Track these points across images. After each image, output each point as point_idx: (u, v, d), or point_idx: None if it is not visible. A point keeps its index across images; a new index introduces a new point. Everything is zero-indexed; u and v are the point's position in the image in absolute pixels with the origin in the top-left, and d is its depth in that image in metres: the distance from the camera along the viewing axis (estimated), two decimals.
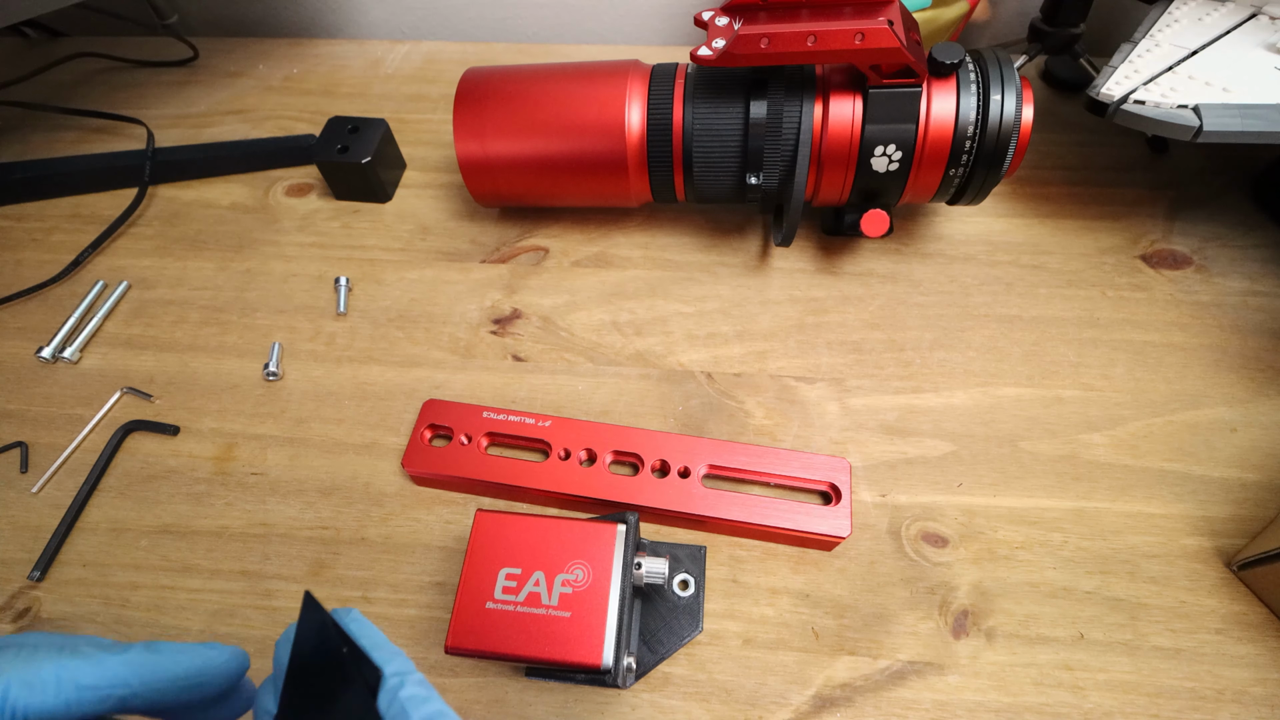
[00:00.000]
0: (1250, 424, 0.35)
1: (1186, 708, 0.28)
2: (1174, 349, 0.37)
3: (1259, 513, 0.32)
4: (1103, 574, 0.31)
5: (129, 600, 0.32)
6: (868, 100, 0.34)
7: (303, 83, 0.55)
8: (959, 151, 0.34)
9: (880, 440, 0.35)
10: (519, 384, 0.38)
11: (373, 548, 0.33)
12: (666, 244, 0.43)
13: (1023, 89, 0.34)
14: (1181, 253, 0.41)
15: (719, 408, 0.36)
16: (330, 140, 0.44)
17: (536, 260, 0.43)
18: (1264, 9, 0.38)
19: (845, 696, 0.29)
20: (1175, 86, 0.34)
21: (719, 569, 0.32)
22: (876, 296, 0.40)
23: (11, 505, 0.35)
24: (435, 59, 0.56)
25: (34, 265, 0.44)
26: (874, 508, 0.33)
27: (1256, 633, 0.29)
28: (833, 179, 0.36)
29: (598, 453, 0.33)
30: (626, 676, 0.26)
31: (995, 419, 0.35)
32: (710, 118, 0.36)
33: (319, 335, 0.40)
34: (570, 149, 0.38)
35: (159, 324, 0.41)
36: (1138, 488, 0.33)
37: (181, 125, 0.52)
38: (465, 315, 0.41)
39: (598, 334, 0.39)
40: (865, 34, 0.31)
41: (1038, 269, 0.41)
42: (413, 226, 0.45)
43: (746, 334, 0.39)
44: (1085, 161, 0.46)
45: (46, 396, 0.38)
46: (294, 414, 0.37)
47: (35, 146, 0.51)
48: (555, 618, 0.25)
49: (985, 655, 0.29)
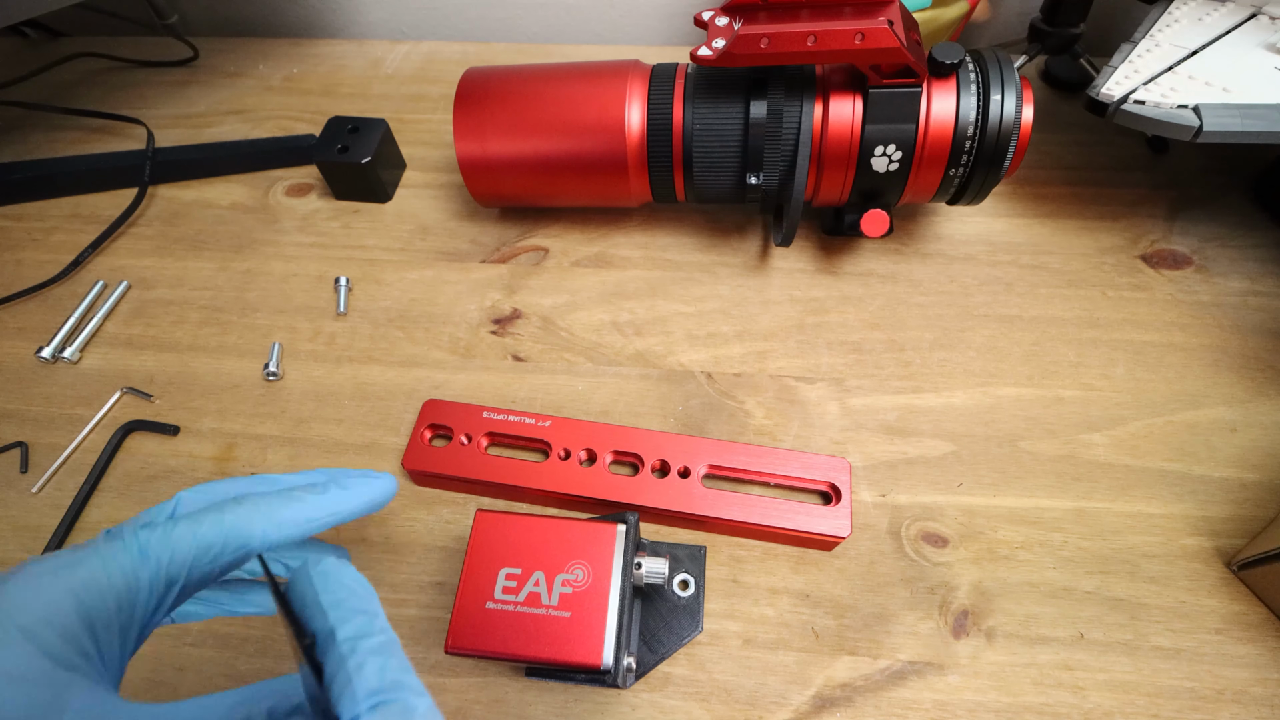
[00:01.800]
0: (1250, 424, 0.35)
1: (1186, 708, 0.28)
2: (1174, 349, 0.37)
3: (1259, 513, 0.32)
4: (1103, 574, 0.31)
5: None
6: (868, 100, 0.34)
7: (303, 83, 0.55)
8: (959, 151, 0.34)
9: (880, 440, 0.35)
10: (519, 384, 0.38)
11: (373, 547, 0.33)
12: (666, 244, 0.43)
13: (1023, 89, 0.34)
14: (1181, 253, 0.41)
15: (719, 408, 0.36)
16: (330, 140, 0.44)
17: (536, 260, 0.43)
18: (1264, 9, 0.38)
19: (845, 696, 0.29)
20: (1175, 86, 0.34)
21: (719, 569, 0.32)
22: (876, 296, 0.40)
23: (11, 505, 0.35)
24: (435, 59, 0.56)
25: (34, 265, 0.44)
26: (874, 508, 0.33)
27: (1256, 633, 0.29)
28: (833, 179, 0.36)
29: (598, 453, 0.33)
30: (626, 676, 0.26)
31: (995, 419, 0.35)
32: (710, 118, 0.36)
33: (319, 335, 0.40)
34: (570, 149, 0.38)
35: (159, 324, 0.41)
36: (1138, 488, 0.33)
37: (181, 125, 0.52)
38: (465, 315, 0.41)
39: (598, 334, 0.39)
40: (865, 34, 0.31)
41: (1038, 269, 0.41)
42: (413, 226, 0.45)
43: (746, 334, 0.39)
44: (1085, 161, 0.46)
45: (46, 396, 0.38)
46: (294, 414, 0.37)
47: (35, 146, 0.51)
48: (555, 618, 0.25)
49: (985, 655, 0.29)
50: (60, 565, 0.18)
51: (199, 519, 0.20)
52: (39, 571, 0.18)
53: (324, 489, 0.23)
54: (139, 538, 0.19)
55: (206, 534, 0.20)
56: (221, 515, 0.20)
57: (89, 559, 0.18)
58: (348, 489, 0.23)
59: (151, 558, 0.19)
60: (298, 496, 0.22)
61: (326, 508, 0.22)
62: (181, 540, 0.20)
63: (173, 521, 0.20)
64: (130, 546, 0.19)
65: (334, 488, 0.23)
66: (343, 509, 0.23)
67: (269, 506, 0.21)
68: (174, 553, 0.19)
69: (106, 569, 0.18)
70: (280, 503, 0.21)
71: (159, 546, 0.19)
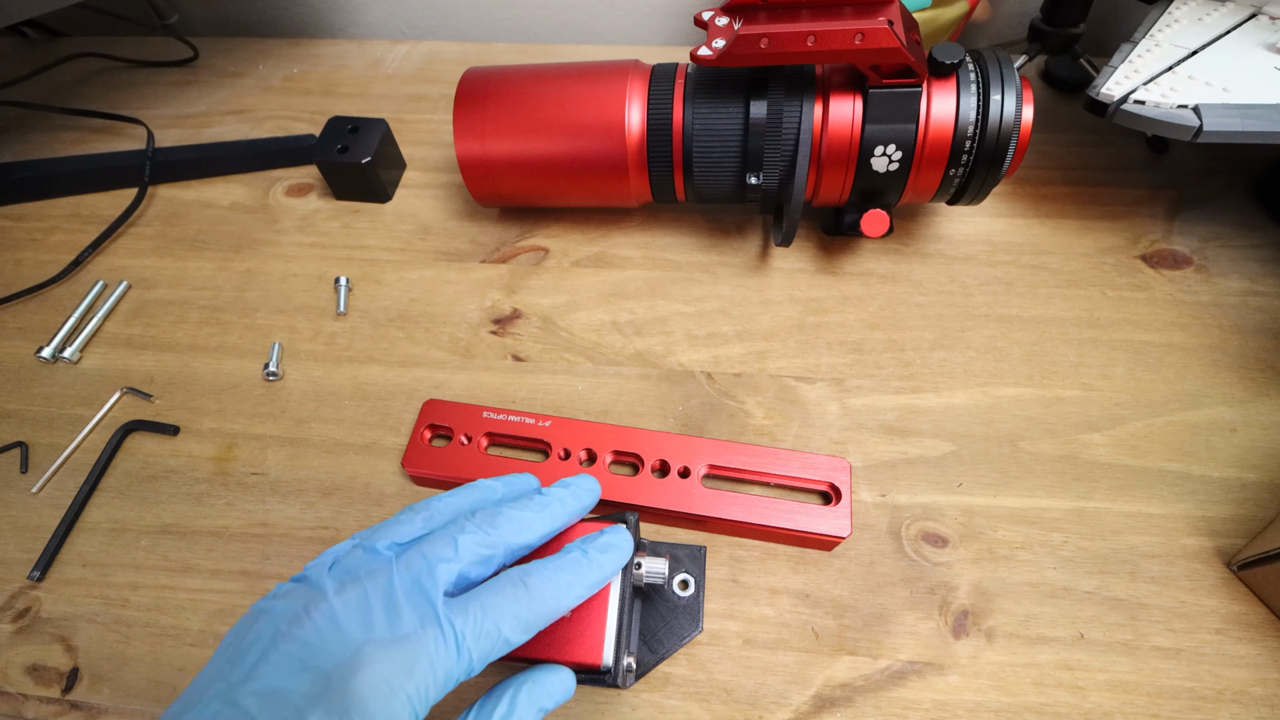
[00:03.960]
0: (1250, 424, 0.35)
1: (1186, 708, 0.28)
2: (1174, 349, 0.37)
3: (1259, 513, 0.32)
4: (1103, 574, 0.31)
5: (129, 600, 0.32)
6: (868, 100, 0.34)
7: (303, 83, 0.55)
8: (959, 151, 0.34)
9: (880, 440, 0.35)
10: (519, 384, 0.38)
11: None
12: (666, 244, 0.43)
13: (1023, 89, 0.34)
14: (1181, 253, 0.41)
15: (719, 408, 0.36)
16: (330, 140, 0.44)
17: (536, 260, 0.43)
18: (1264, 9, 0.38)
19: (845, 696, 0.29)
20: (1175, 86, 0.34)
21: (719, 569, 0.32)
22: (876, 296, 0.40)
23: (11, 505, 0.35)
24: (435, 59, 0.56)
25: (34, 265, 0.44)
26: (874, 508, 0.33)
27: (1256, 633, 0.29)
28: (833, 179, 0.36)
29: (598, 453, 0.33)
30: (626, 676, 0.26)
31: (995, 419, 0.35)
32: (710, 118, 0.36)
33: (319, 335, 0.40)
34: (570, 149, 0.38)
35: (159, 324, 0.41)
36: (1138, 488, 0.33)
37: (181, 125, 0.52)
38: (465, 315, 0.41)
39: (598, 334, 0.39)
40: (865, 34, 0.31)
41: (1038, 269, 0.41)
42: (413, 226, 0.45)
43: (746, 334, 0.39)
44: (1085, 161, 0.46)
45: (46, 396, 0.38)
46: (294, 414, 0.37)
47: (35, 146, 0.51)
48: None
49: (985, 655, 0.29)
50: (399, 670, 0.19)
51: (501, 609, 0.21)
52: (383, 679, 0.18)
53: (588, 562, 0.23)
54: (455, 629, 0.20)
55: (508, 630, 0.21)
56: (518, 608, 0.21)
57: (419, 660, 0.19)
58: (598, 559, 0.24)
59: (466, 655, 0.20)
60: (571, 582, 0.23)
61: (592, 587, 0.23)
62: (490, 636, 0.20)
63: (480, 607, 0.21)
64: (450, 645, 0.20)
65: (591, 559, 0.24)
66: (600, 576, 0.24)
67: (554, 594, 0.22)
68: (482, 647, 0.20)
69: (434, 670, 0.19)
70: (563, 590, 0.22)
71: (473, 640, 0.20)
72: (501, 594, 0.21)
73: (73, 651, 0.31)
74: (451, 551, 0.22)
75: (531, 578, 0.22)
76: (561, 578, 0.23)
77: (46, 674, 0.30)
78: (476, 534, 0.22)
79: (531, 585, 0.22)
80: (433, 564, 0.21)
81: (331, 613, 0.20)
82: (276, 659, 0.19)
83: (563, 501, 0.25)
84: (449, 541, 0.22)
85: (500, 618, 0.21)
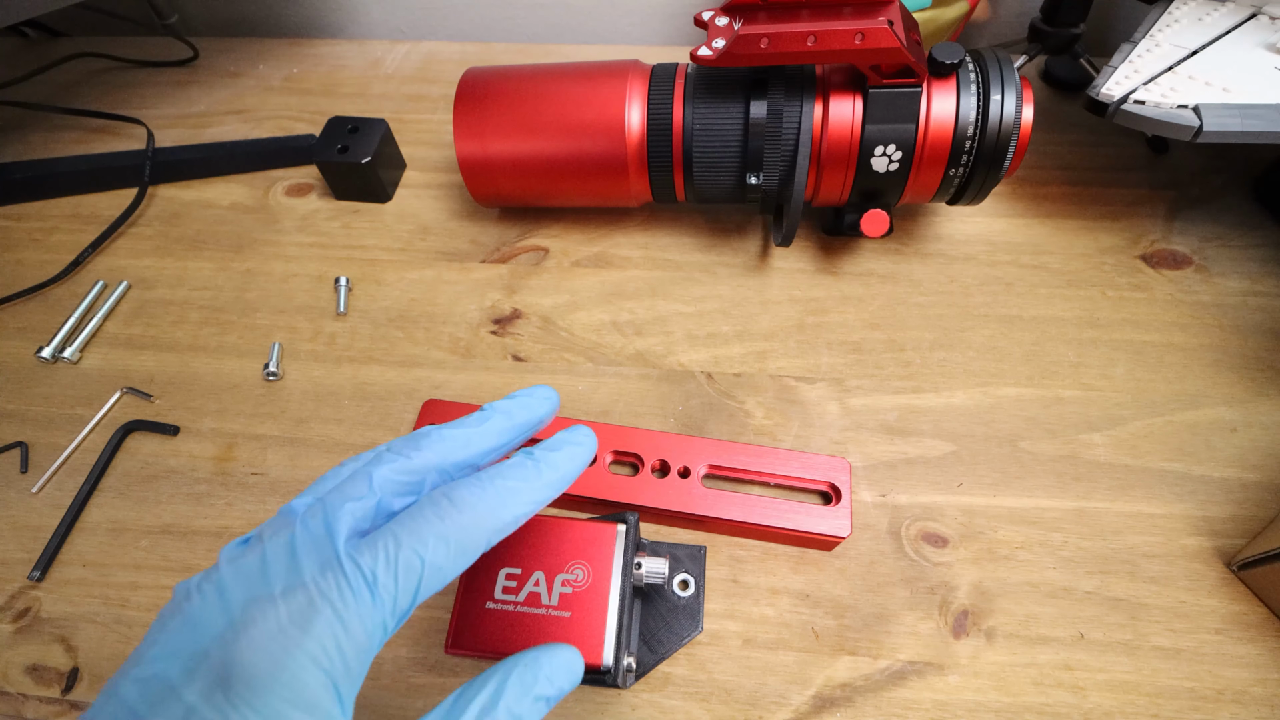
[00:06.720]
0: (1250, 424, 0.35)
1: (1186, 708, 0.28)
2: (1174, 349, 0.37)
3: (1259, 513, 0.32)
4: (1103, 574, 0.31)
5: (129, 600, 0.32)
6: (868, 100, 0.34)
7: (303, 83, 0.55)
8: (959, 151, 0.34)
9: (880, 440, 0.35)
10: (519, 384, 0.38)
11: None
12: (666, 244, 0.43)
13: (1023, 89, 0.34)
14: (1181, 253, 0.41)
15: (719, 408, 0.36)
16: (330, 140, 0.44)
17: (536, 260, 0.43)
18: (1264, 9, 0.38)
19: (845, 696, 0.29)
20: (1175, 86, 0.34)
21: (719, 569, 0.32)
22: (876, 296, 0.40)
23: (11, 505, 0.35)
24: (435, 59, 0.56)
25: (34, 265, 0.44)
26: (874, 508, 0.33)
27: (1256, 633, 0.29)
28: (833, 179, 0.36)
29: (598, 453, 0.33)
30: (626, 676, 0.26)
31: (995, 419, 0.35)
32: (710, 118, 0.36)
33: (319, 335, 0.40)
34: (570, 149, 0.38)
35: (159, 324, 0.41)
36: (1138, 488, 0.33)
37: (181, 125, 0.52)
38: (465, 315, 0.41)
39: (598, 334, 0.39)
40: (865, 34, 0.31)
41: (1038, 269, 0.41)
42: (413, 226, 0.45)
43: (746, 334, 0.39)
44: (1085, 161, 0.46)
45: (46, 396, 0.38)
46: (294, 414, 0.37)
47: (35, 146, 0.51)
48: (555, 618, 0.25)
49: (985, 655, 0.29)
50: (289, 623, 0.16)
51: (420, 532, 0.18)
52: (269, 637, 0.16)
53: (534, 464, 0.21)
54: (362, 569, 0.17)
55: (433, 554, 0.18)
56: (444, 527, 0.18)
57: (318, 611, 0.16)
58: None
59: (385, 598, 0.17)
60: (513, 488, 0.20)
61: (541, 491, 0.21)
62: (410, 568, 0.17)
63: (393, 538, 0.18)
64: (359, 588, 0.17)
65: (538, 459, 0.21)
66: (553, 477, 0.21)
67: (489, 505, 0.19)
68: (404, 583, 0.17)
69: (342, 621, 0.17)
70: (500, 499, 0.19)
71: (389, 578, 0.17)
72: (419, 517, 0.18)
73: (73, 651, 0.31)
74: (364, 488, 0.19)
75: (458, 490, 0.19)
76: (498, 484, 0.19)
77: (46, 674, 0.30)
78: (395, 461, 0.19)
79: (458, 498, 0.19)
80: (338, 505, 0.18)
81: (220, 582, 0.17)
82: (163, 640, 0.17)
83: (508, 414, 0.22)
84: (363, 477, 0.19)
85: (419, 543, 0.18)
